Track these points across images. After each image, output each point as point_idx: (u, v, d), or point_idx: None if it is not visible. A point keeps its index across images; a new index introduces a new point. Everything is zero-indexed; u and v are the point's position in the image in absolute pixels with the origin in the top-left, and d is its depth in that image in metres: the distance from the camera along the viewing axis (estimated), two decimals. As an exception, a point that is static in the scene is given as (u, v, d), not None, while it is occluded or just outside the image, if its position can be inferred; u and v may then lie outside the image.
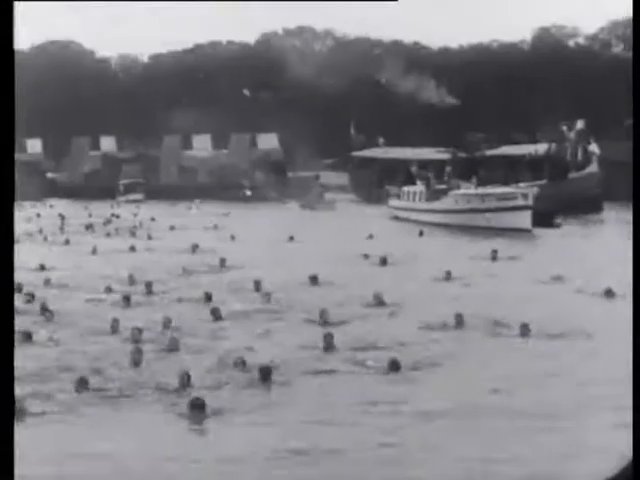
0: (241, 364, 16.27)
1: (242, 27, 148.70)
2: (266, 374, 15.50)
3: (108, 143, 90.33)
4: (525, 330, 18.92)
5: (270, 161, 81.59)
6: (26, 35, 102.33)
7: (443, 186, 51.09)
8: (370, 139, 79.93)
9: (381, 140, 79.27)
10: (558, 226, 46.09)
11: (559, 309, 21.96)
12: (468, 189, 48.98)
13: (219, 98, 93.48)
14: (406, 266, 31.34)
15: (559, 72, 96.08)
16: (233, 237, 42.25)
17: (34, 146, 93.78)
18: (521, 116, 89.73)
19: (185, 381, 15.07)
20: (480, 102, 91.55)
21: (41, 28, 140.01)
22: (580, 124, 75.37)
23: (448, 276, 27.71)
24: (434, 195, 50.67)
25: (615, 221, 46.60)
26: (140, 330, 19.20)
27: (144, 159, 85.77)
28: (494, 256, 32.75)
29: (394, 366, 16.14)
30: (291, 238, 40.72)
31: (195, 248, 37.26)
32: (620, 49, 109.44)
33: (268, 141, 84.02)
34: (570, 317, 20.59)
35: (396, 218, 54.00)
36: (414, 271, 29.76)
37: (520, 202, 43.57)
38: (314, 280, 26.64)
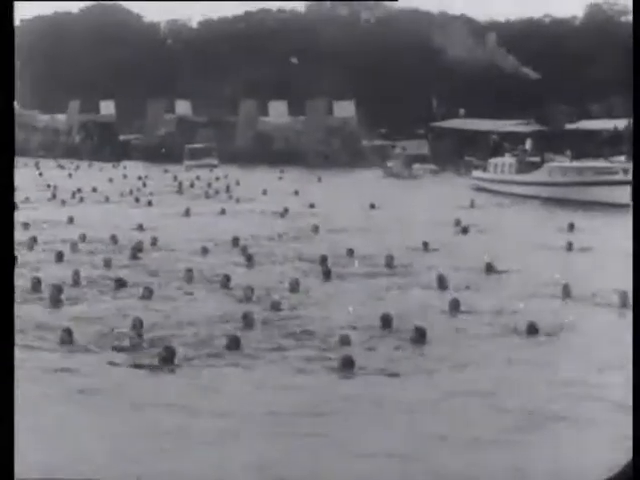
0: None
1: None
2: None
3: (183, 107, 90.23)
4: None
5: (346, 129, 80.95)
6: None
7: (535, 158, 50.20)
8: (449, 110, 79.35)
9: (462, 111, 78.49)
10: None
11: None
12: (562, 162, 48.14)
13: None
14: (509, 236, 30.98)
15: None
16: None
17: (107, 107, 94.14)
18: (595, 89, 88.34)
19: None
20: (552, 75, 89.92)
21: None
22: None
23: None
24: (525, 167, 49.89)
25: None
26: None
27: (219, 124, 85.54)
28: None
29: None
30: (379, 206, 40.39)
31: (285, 213, 37.29)
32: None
33: (345, 109, 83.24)
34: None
35: (481, 189, 53.21)
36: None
37: (620, 177, 42.69)
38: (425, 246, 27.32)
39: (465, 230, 32.38)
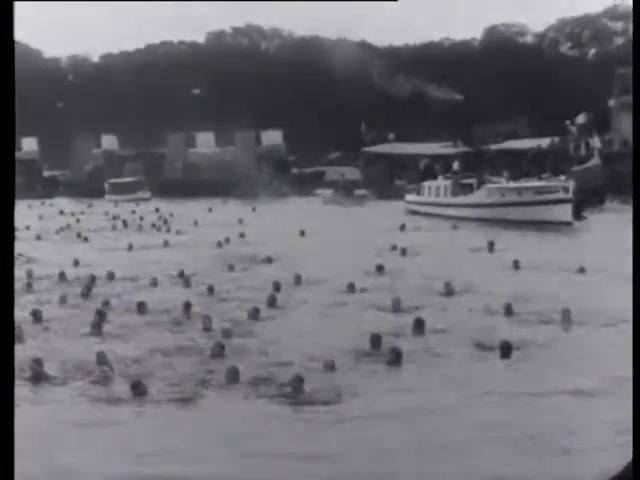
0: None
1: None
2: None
3: (109, 141, 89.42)
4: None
5: (274, 157, 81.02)
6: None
7: (469, 180, 50.70)
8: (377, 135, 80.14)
9: (391, 136, 79.18)
10: (584, 218, 45.64)
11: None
12: (499, 183, 48.69)
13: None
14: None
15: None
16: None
17: (30, 144, 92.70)
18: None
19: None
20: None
21: None
22: (582, 118, 75.76)
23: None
24: (460, 189, 50.34)
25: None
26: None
27: (147, 156, 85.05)
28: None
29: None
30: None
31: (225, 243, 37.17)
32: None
33: (272, 138, 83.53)
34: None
35: (414, 213, 53.54)
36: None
37: (561, 195, 43.36)
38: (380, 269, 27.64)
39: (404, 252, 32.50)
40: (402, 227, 42.45)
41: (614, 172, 55.61)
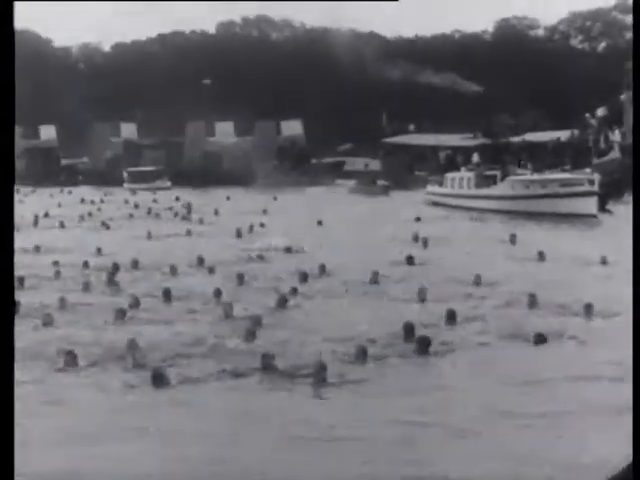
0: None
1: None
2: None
3: (129, 129, 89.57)
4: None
5: (294, 148, 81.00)
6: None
7: (492, 172, 50.43)
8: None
9: (412, 126, 79.03)
10: (608, 212, 45.42)
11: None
12: (523, 175, 48.43)
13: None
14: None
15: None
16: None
17: (48, 132, 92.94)
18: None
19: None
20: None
21: None
22: (602, 111, 75.38)
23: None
24: (484, 181, 50.10)
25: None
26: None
27: (166, 145, 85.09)
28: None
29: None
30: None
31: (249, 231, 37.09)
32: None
33: (292, 128, 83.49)
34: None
35: (436, 204, 53.32)
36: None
37: (587, 188, 43.10)
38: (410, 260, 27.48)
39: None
40: (424, 219, 42.24)
41: (628, 166, 55.30)
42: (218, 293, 21.52)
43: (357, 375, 14.38)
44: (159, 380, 14.04)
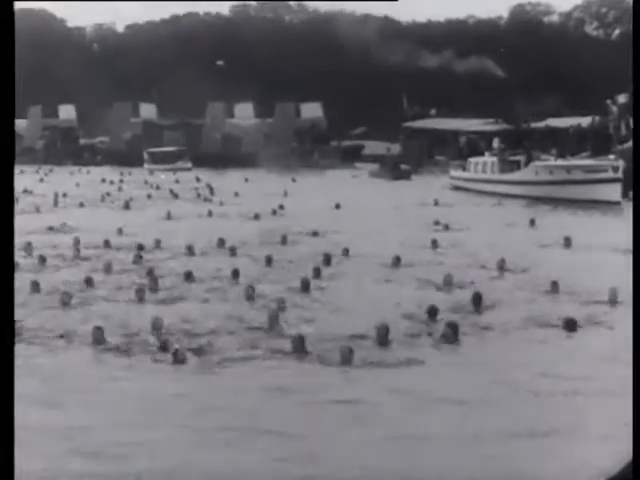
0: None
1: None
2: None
3: (148, 110, 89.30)
4: None
5: (313, 130, 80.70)
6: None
7: (517, 157, 50.05)
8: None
9: (432, 111, 78.61)
10: (632, 199, 44.91)
11: None
12: (547, 160, 48.05)
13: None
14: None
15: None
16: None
17: (67, 112, 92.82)
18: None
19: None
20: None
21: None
22: (623, 98, 74.71)
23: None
24: (507, 166, 49.77)
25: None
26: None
27: (186, 126, 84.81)
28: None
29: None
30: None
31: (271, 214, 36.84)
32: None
33: (312, 110, 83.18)
34: None
35: (458, 189, 53.01)
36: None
37: (611, 174, 42.71)
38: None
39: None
40: (448, 203, 42.07)
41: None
42: (236, 274, 21.43)
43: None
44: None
